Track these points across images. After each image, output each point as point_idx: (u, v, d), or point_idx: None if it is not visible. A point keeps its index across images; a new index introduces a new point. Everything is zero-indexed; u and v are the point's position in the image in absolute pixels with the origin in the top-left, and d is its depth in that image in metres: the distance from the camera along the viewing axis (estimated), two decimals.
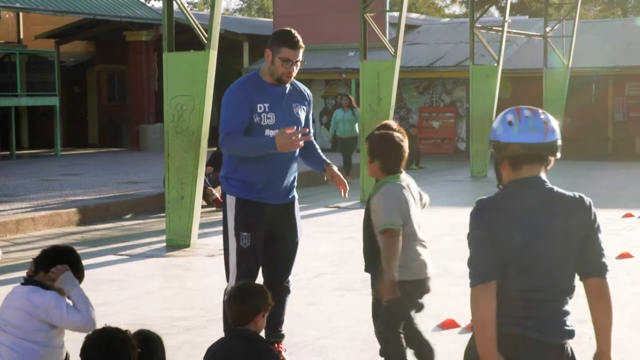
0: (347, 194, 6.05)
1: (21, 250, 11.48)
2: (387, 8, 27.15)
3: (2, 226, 12.51)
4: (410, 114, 29.79)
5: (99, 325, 3.57)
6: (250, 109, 5.98)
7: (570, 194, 3.45)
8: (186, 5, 12.02)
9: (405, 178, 5.53)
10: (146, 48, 28.32)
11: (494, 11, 45.73)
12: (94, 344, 3.58)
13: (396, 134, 5.52)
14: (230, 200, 6.03)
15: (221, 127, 6.01)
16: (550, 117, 3.50)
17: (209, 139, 12.20)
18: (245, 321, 4.18)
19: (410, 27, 30.57)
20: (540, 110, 3.50)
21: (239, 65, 29.54)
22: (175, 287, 9.46)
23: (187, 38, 14.20)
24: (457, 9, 57.91)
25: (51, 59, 26.84)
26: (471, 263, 3.44)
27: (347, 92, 28.84)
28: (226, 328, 6.02)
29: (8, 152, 24.62)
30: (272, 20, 32.73)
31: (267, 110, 6.01)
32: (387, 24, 27.34)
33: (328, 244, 11.87)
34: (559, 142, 3.46)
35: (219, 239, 12.33)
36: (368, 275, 9.76)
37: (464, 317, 6.78)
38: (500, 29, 22.68)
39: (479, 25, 22.54)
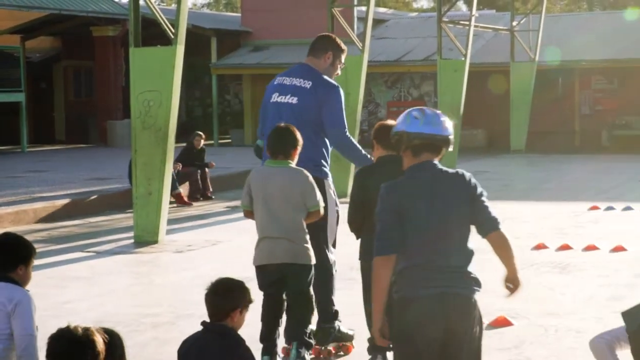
0: None
1: None
2: (355, 2, 27.13)
3: None
4: (379, 109, 29.84)
5: (63, 324, 3.54)
6: None
7: (454, 171, 4.17)
8: (153, 0, 11.95)
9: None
10: (113, 43, 28.13)
11: (461, 5, 45.88)
12: (59, 343, 3.54)
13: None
14: (328, 184, 6.56)
15: (342, 122, 6.59)
16: (446, 117, 4.20)
17: (177, 135, 12.14)
18: (221, 317, 4.17)
19: (378, 22, 30.58)
20: (439, 111, 4.24)
21: (207, 61, 29.43)
22: (143, 284, 9.41)
23: (154, 33, 14.13)
24: (425, 3, 58.14)
25: (17, 55, 26.55)
26: (378, 237, 4.06)
27: None
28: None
29: None
30: (239, 15, 32.63)
31: None
32: (355, 19, 27.35)
33: None
34: (452, 138, 4.18)
35: (187, 235, 12.38)
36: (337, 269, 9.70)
37: (486, 314, 6.71)
38: (467, 23, 22.75)
39: (447, 20, 22.59)
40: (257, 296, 5.96)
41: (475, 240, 4.18)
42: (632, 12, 30.97)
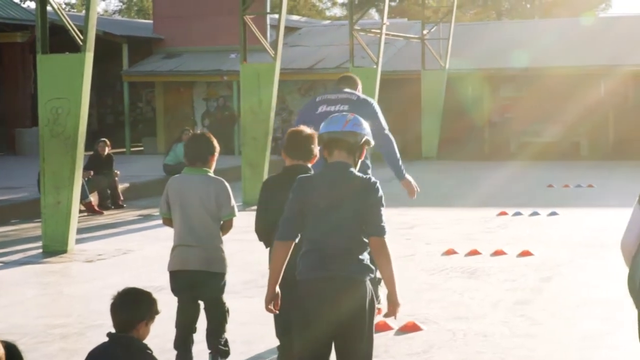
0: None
1: None
2: (268, 10, 27.15)
3: None
4: (293, 116, 29.86)
5: None
6: None
7: (363, 175, 4.58)
8: (63, 5, 11.79)
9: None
10: (22, 50, 27.58)
11: (374, 14, 46.29)
12: None
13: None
14: None
15: (386, 126, 7.84)
16: (358, 119, 4.61)
17: (88, 143, 11.97)
18: (127, 329, 4.14)
19: (291, 29, 30.68)
20: (351, 115, 4.67)
21: (119, 68, 29.10)
22: (52, 294, 9.25)
23: (64, 40, 13.94)
24: (338, 11, 58.45)
25: None
26: (281, 222, 4.57)
27: (229, 95, 28.80)
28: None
29: None
30: (152, 21, 32.35)
31: None
32: (268, 26, 27.38)
33: None
34: (363, 136, 4.56)
35: (98, 244, 12.21)
36: (249, 278, 9.75)
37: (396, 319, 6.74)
38: (379, 31, 22.97)
39: (358, 28, 22.78)
40: (172, 304, 5.95)
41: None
42: (587, 18, 31.66)
